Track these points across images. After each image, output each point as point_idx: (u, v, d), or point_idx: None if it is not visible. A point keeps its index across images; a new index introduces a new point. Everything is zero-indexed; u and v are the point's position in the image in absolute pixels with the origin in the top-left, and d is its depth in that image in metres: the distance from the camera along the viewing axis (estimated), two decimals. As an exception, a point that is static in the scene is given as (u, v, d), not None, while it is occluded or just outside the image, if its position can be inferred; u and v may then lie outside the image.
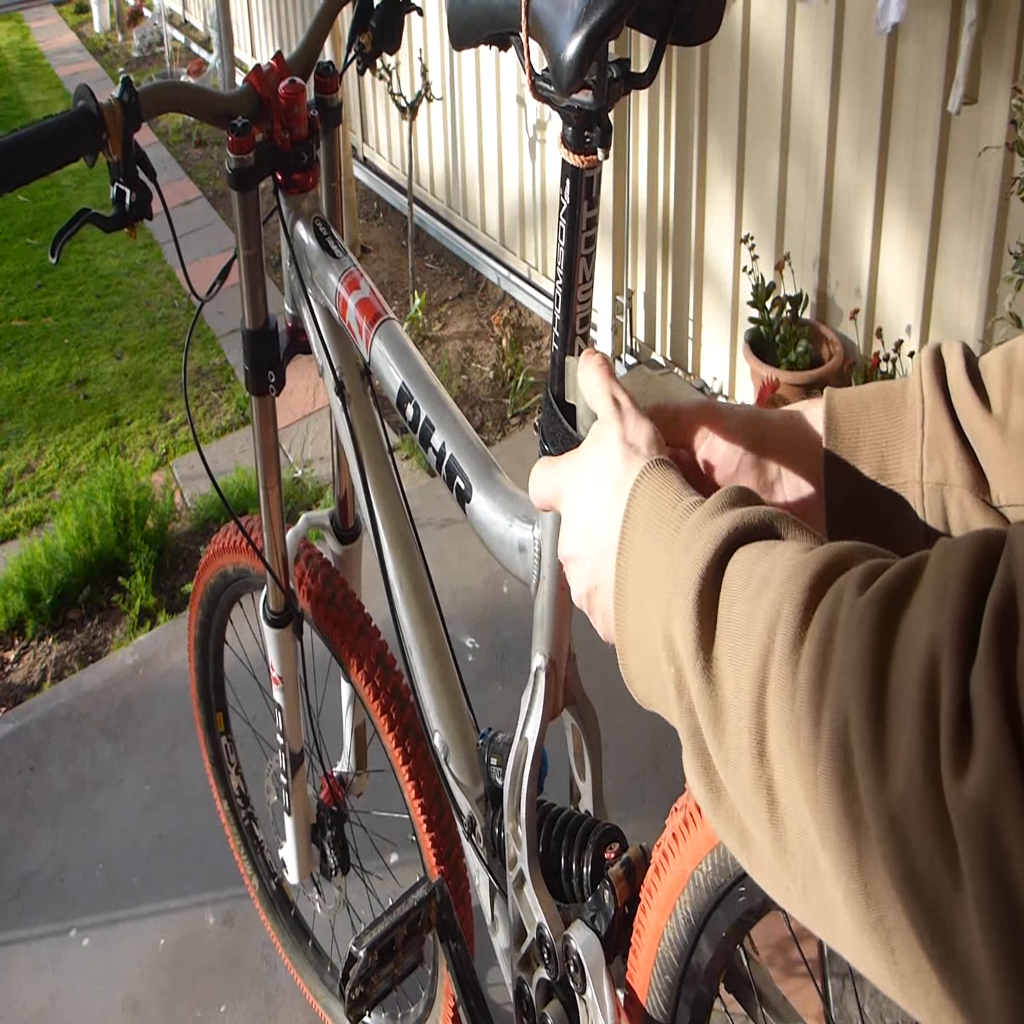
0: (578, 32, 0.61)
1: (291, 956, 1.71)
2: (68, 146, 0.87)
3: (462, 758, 1.09)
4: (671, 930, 0.79)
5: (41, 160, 0.86)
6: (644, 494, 0.58)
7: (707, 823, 0.71)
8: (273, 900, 1.72)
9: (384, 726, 1.27)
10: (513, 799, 0.96)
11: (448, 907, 1.11)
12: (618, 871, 0.91)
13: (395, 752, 1.27)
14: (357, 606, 1.31)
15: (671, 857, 0.77)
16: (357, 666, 1.28)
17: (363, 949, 1.06)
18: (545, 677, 0.91)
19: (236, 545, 1.38)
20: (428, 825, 1.27)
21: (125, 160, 0.90)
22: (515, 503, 0.91)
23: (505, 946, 1.07)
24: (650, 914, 0.81)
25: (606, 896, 0.91)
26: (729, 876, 0.72)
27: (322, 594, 1.30)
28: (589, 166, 0.70)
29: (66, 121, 0.87)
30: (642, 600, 0.55)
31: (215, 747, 1.66)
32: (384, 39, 1.12)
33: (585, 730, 0.97)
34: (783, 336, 2.54)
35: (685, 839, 0.75)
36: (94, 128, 0.88)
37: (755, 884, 0.69)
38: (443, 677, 1.12)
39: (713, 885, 0.73)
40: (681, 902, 0.77)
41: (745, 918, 0.74)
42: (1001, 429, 0.61)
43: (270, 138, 1.05)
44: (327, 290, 1.09)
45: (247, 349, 1.17)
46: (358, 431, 1.12)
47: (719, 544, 0.51)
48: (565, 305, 0.75)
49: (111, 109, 0.88)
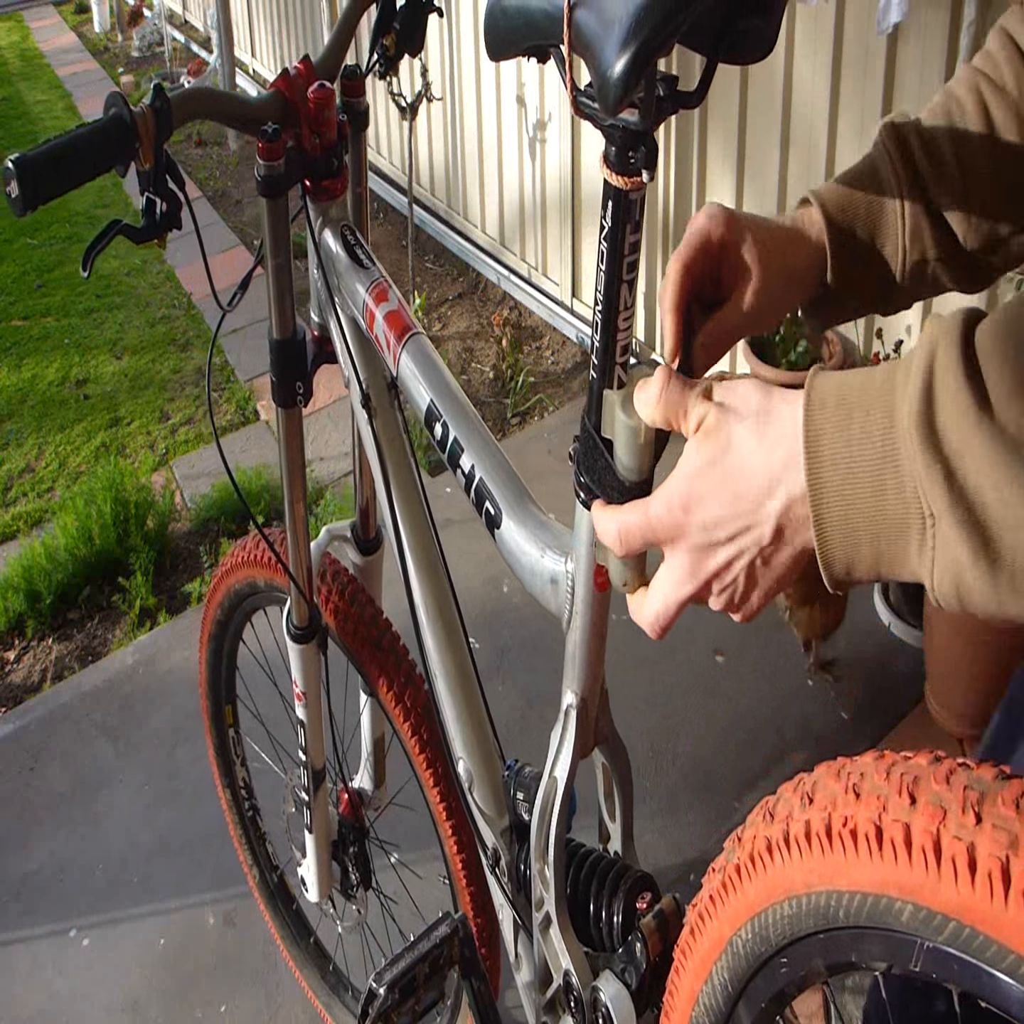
0: (627, 49, 0.58)
1: (291, 951, 1.70)
2: (102, 155, 0.85)
3: (487, 788, 1.07)
4: (706, 995, 0.75)
5: (75, 171, 0.84)
6: (822, 384, 0.57)
7: (747, 889, 0.68)
8: (274, 893, 1.72)
9: (419, 759, 1.25)
10: (541, 839, 0.93)
11: (471, 943, 1.08)
12: (651, 923, 0.88)
13: (429, 783, 1.25)
14: (385, 624, 1.29)
15: (708, 920, 0.73)
16: (394, 701, 1.26)
17: (383, 986, 1.03)
18: (576, 716, 0.88)
19: (268, 560, 1.35)
20: (464, 865, 1.25)
21: (156, 169, 0.88)
22: (547, 532, 0.87)
23: (528, 983, 1.04)
24: (684, 976, 0.77)
25: (638, 949, 0.87)
26: (771, 946, 0.68)
27: (349, 611, 1.28)
28: (633, 188, 0.66)
29: (99, 130, 0.84)
30: (849, 464, 0.54)
31: (221, 738, 1.65)
32: (407, 41, 1.09)
33: (616, 770, 0.94)
34: (783, 336, 2.54)
35: (724, 903, 0.70)
36: (127, 136, 0.85)
37: (799, 955, 0.66)
38: (468, 704, 1.09)
39: (753, 953, 0.69)
40: (718, 968, 0.73)
41: (787, 990, 0.70)
42: (964, 191, 0.77)
43: (299, 144, 1.03)
44: (354, 301, 1.06)
45: (275, 360, 1.12)
46: (384, 445, 1.09)
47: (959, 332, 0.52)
48: (605, 333, 0.71)
49: (144, 117, 0.86)
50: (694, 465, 0.62)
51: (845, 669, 2.24)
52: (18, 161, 0.81)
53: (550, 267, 3.54)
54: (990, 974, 0.53)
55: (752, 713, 2.19)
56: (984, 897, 0.52)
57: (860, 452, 0.54)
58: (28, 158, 0.81)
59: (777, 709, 2.19)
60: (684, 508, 0.62)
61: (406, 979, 1.03)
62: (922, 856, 0.54)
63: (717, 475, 0.61)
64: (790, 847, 0.63)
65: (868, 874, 0.58)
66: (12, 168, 0.81)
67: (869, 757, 0.62)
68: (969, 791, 0.55)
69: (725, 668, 2.29)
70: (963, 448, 0.50)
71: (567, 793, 0.90)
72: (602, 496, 0.73)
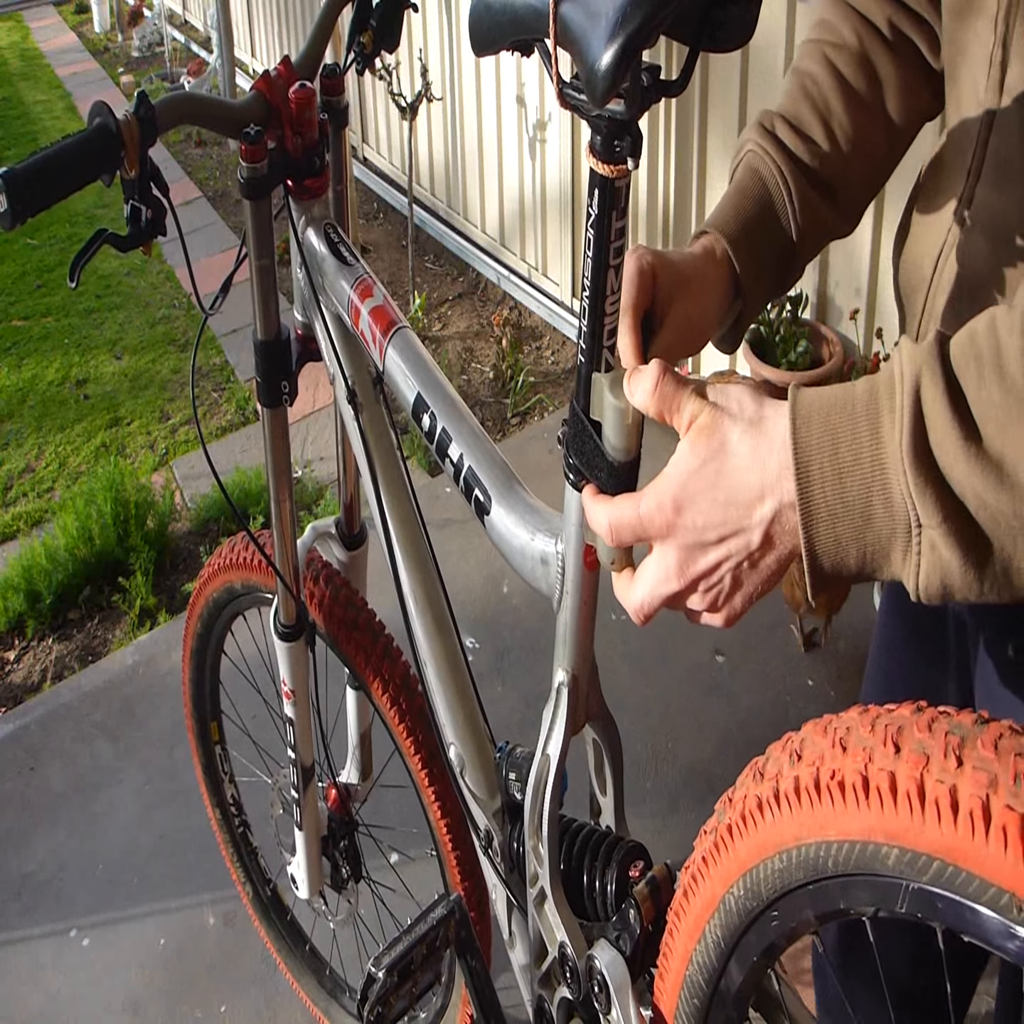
0: (613, 42, 0.59)
1: (287, 962, 1.70)
2: (87, 166, 0.85)
3: (478, 771, 1.08)
4: (700, 954, 0.77)
5: (62, 183, 0.84)
6: (804, 400, 0.60)
7: (738, 847, 0.69)
8: (268, 906, 1.71)
9: (408, 746, 1.26)
10: (534, 816, 0.94)
11: (467, 924, 1.09)
12: (643, 890, 0.89)
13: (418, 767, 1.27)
14: (379, 627, 1.30)
15: (700, 880, 0.75)
16: (382, 690, 1.27)
17: (382, 970, 1.04)
18: (568, 693, 0.89)
19: (243, 561, 1.36)
20: (454, 843, 1.26)
21: (141, 176, 0.88)
22: (536, 516, 0.88)
23: (523, 962, 1.05)
24: (678, 937, 0.79)
25: (631, 915, 0.89)
26: (762, 900, 0.70)
27: (336, 607, 1.29)
28: (619, 176, 0.67)
29: (84, 140, 0.85)
30: (838, 481, 0.57)
31: (208, 756, 1.65)
32: (384, 37, 1.10)
33: (607, 745, 0.95)
34: (783, 336, 2.54)
35: (716, 863, 0.72)
36: (112, 145, 0.85)
37: (789, 908, 0.68)
38: (458, 690, 1.10)
39: (745, 909, 0.71)
40: (711, 926, 0.75)
41: (777, 942, 0.72)
42: (839, 155, 0.87)
43: (281, 145, 1.04)
44: (339, 298, 1.07)
45: (260, 361, 1.13)
46: (371, 441, 1.10)
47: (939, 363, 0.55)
48: (592, 317, 0.72)
49: (128, 125, 0.86)
50: (688, 465, 0.63)
51: (846, 668, 2.24)
52: (6, 176, 0.81)
53: (550, 267, 3.54)
54: (973, 909, 0.55)
55: (752, 713, 2.19)
56: (966, 835, 0.54)
57: (850, 471, 0.57)
58: (16, 172, 0.82)
59: (777, 709, 2.19)
60: (676, 508, 0.64)
61: (404, 962, 1.05)
62: (907, 801, 0.57)
63: (710, 476, 0.62)
64: (780, 803, 0.65)
65: (856, 823, 0.60)
66: (0, 183, 0.81)
67: (855, 712, 0.64)
68: (950, 736, 0.57)
69: (725, 668, 2.29)
70: (952, 467, 0.54)
71: (560, 770, 0.91)
72: (590, 476, 0.74)
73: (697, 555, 0.64)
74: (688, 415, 0.64)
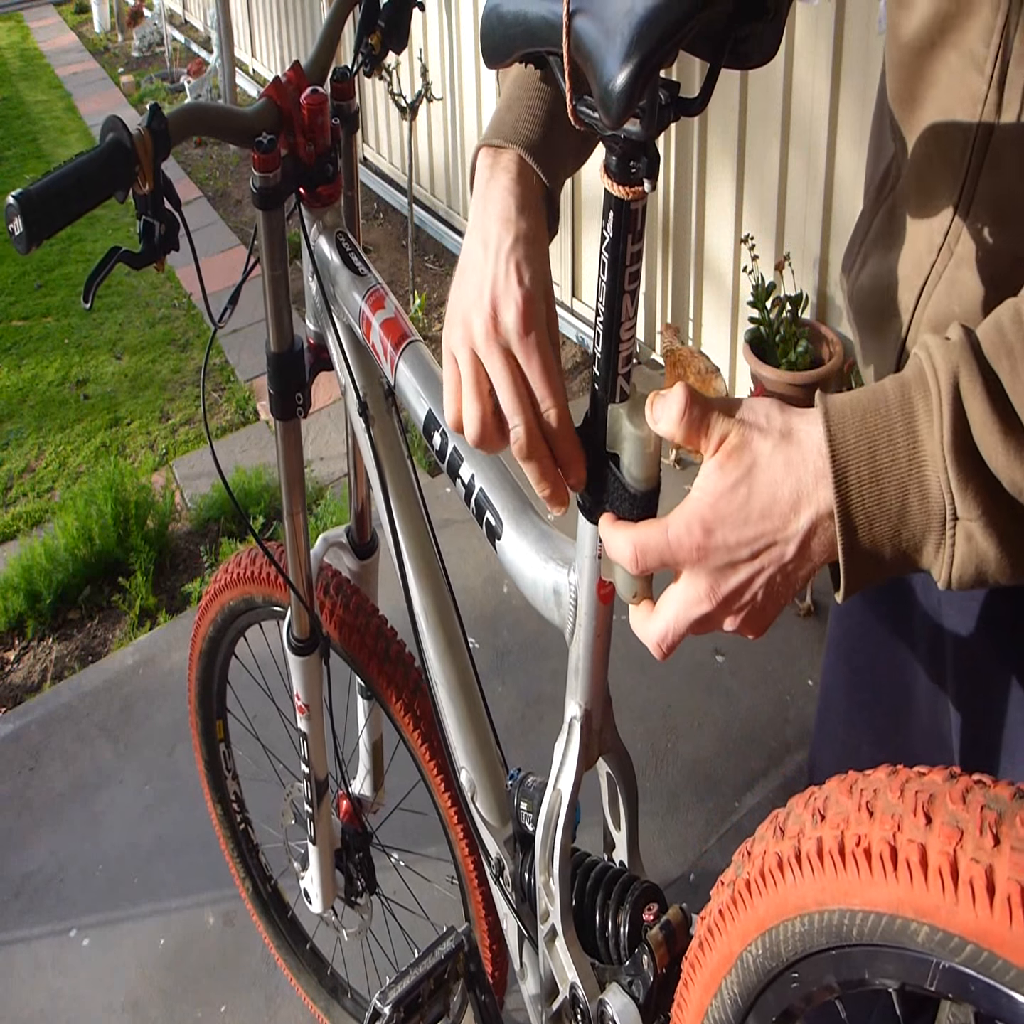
0: (629, 60, 0.56)
1: (287, 959, 1.70)
2: (102, 183, 0.82)
3: (490, 798, 1.06)
4: (716, 1009, 0.73)
5: (78, 202, 0.82)
6: (836, 405, 0.59)
7: (757, 905, 0.66)
8: (268, 904, 1.71)
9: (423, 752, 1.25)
10: (545, 851, 0.92)
11: (476, 958, 1.07)
12: (658, 935, 0.87)
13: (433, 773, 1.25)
14: (391, 633, 1.29)
15: (717, 934, 0.71)
16: (396, 697, 1.26)
17: (388, 1005, 1.02)
18: (580, 728, 0.87)
19: (255, 575, 1.34)
20: (469, 850, 1.24)
21: (155, 191, 0.86)
22: (549, 543, 0.85)
23: (533, 993, 1.03)
24: (693, 990, 0.75)
25: (645, 961, 0.86)
26: (782, 961, 0.66)
27: (352, 621, 1.27)
28: (635, 198, 0.64)
29: (98, 157, 0.82)
30: (876, 485, 0.58)
31: (212, 753, 1.64)
32: (392, 38, 1.07)
33: (621, 779, 0.92)
34: (783, 336, 2.54)
35: (733, 918, 0.69)
36: (127, 160, 0.83)
37: (810, 971, 0.64)
38: (470, 713, 1.08)
39: (764, 968, 0.67)
40: (727, 982, 0.71)
41: (797, 1004, 0.68)
42: None
43: (294, 153, 1.01)
44: (350, 308, 1.04)
45: (273, 373, 1.10)
46: (382, 453, 1.07)
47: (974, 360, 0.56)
48: (607, 344, 0.69)
49: (142, 139, 0.84)
50: (717, 487, 0.62)
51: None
52: (21, 197, 0.79)
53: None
54: (1009, 996, 0.52)
55: (752, 713, 2.19)
56: (1003, 922, 0.51)
57: (887, 473, 0.58)
58: (31, 193, 0.79)
59: (777, 709, 2.19)
60: (706, 530, 0.62)
61: (411, 997, 1.02)
62: (939, 878, 0.53)
63: (742, 495, 0.61)
64: (802, 864, 0.62)
65: (882, 894, 0.57)
66: (15, 205, 0.79)
67: (882, 772, 0.61)
68: (987, 811, 0.54)
69: (725, 668, 2.29)
70: (993, 459, 0.55)
71: (572, 806, 0.89)
72: (611, 509, 0.71)
73: (728, 574, 0.62)
74: (717, 436, 0.62)
